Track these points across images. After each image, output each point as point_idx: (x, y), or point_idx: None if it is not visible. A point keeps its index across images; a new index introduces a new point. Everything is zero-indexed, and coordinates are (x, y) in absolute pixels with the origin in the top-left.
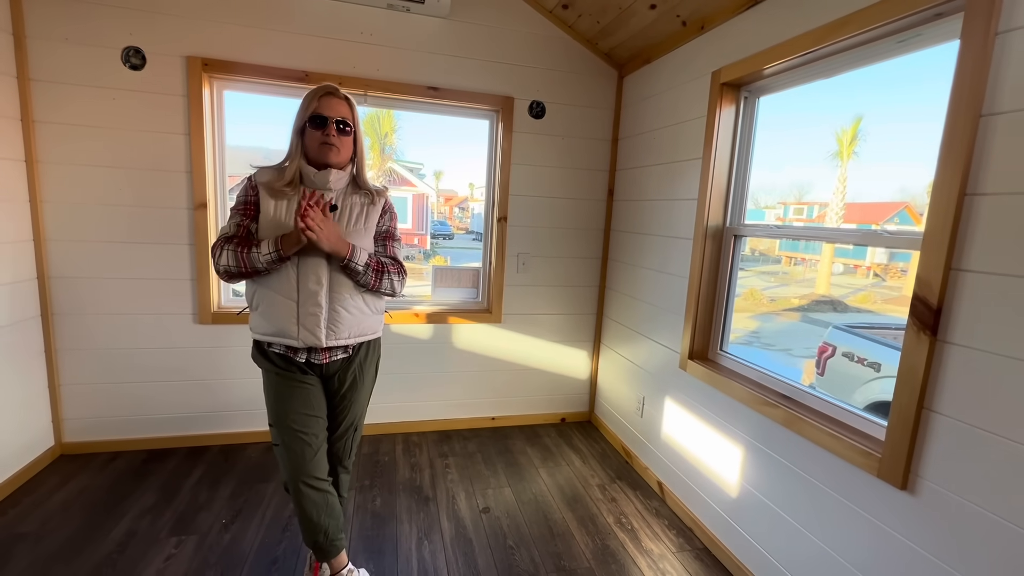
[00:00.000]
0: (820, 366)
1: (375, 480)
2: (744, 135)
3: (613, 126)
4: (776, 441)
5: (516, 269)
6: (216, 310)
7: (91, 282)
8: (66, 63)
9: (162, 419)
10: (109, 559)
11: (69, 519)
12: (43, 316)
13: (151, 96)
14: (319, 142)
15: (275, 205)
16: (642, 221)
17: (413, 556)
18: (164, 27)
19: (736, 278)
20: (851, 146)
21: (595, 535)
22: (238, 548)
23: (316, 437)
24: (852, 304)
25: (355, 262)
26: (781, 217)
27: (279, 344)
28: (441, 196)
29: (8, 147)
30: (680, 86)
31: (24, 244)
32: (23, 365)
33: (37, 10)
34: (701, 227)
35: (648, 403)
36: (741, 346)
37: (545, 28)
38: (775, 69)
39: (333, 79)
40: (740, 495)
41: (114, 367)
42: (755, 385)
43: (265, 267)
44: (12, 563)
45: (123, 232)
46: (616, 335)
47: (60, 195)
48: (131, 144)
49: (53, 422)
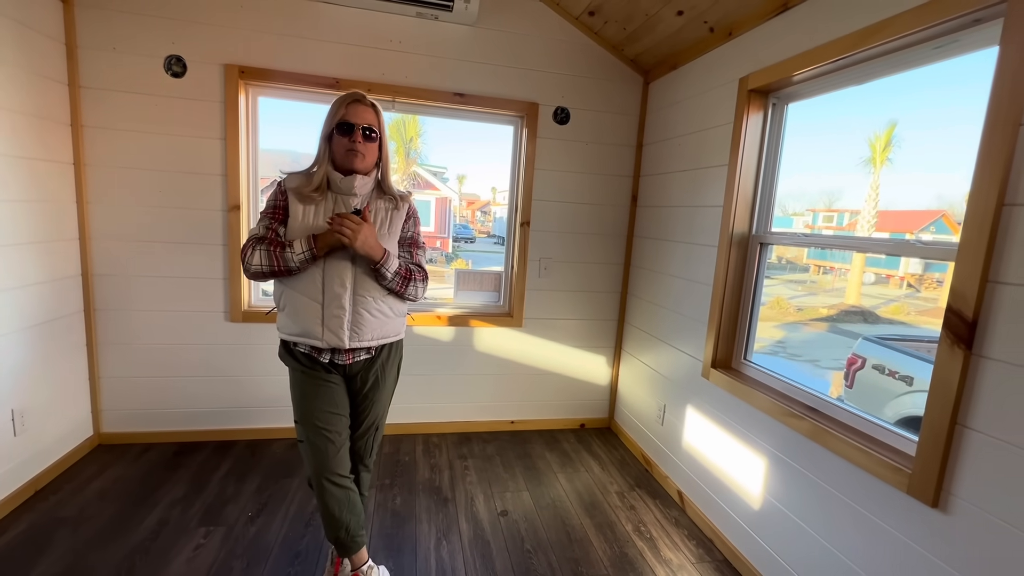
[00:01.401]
0: (849, 378)
1: (395, 479)
2: (772, 142)
3: (638, 132)
4: (801, 453)
5: (538, 274)
6: (246, 309)
7: (130, 279)
8: (113, 71)
9: (193, 413)
10: (142, 546)
11: (105, 507)
12: (86, 311)
13: (190, 102)
14: (345, 148)
15: (303, 210)
16: (666, 227)
17: (431, 556)
18: (204, 36)
19: (762, 286)
20: (884, 152)
21: (613, 543)
22: (263, 541)
23: (339, 435)
24: (884, 315)
25: (386, 267)
26: (810, 225)
27: (304, 344)
28: (463, 200)
29: (59, 151)
30: (706, 92)
31: (70, 242)
32: (67, 357)
33: (88, 21)
34: (726, 234)
35: (669, 411)
36: (766, 356)
37: (571, 35)
38: (805, 75)
39: (362, 86)
40: (763, 507)
41: (149, 361)
42: (780, 396)
43: (298, 266)
44: (53, 546)
45: (160, 232)
46: (637, 342)
47: (104, 196)
48: (170, 148)
49: (92, 413)
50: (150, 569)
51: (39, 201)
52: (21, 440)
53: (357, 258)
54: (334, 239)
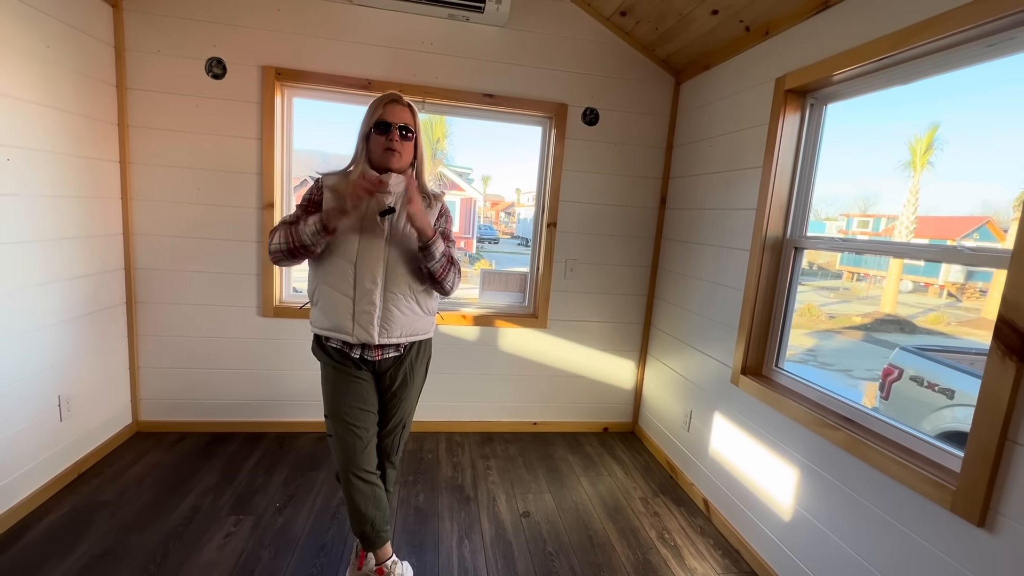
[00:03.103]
0: (884, 389)
1: (419, 477)
2: (809, 143)
3: (668, 133)
4: (835, 465)
5: (564, 275)
6: (278, 304)
7: (169, 274)
8: (158, 73)
9: (225, 404)
10: (176, 532)
11: (142, 492)
12: (128, 304)
13: (229, 103)
14: (383, 147)
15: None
16: (695, 230)
17: (454, 554)
18: (243, 39)
19: (796, 292)
20: (925, 156)
21: (636, 548)
22: (290, 531)
23: (367, 431)
24: (922, 325)
25: (435, 247)
26: (843, 230)
27: (336, 339)
28: (488, 201)
29: (107, 150)
30: (740, 93)
31: (115, 237)
32: (110, 348)
33: (135, 26)
34: (759, 238)
35: (696, 417)
36: (796, 364)
37: (601, 35)
38: (846, 75)
39: (394, 87)
40: (793, 519)
41: (185, 353)
42: (813, 405)
43: (311, 240)
44: (94, 527)
45: (198, 228)
46: (664, 346)
47: (146, 193)
48: (209, 147)
49: (132, 401)
50: (183, 554)
51: (88, 198)
52: (67, 425)
53: (391, 253)
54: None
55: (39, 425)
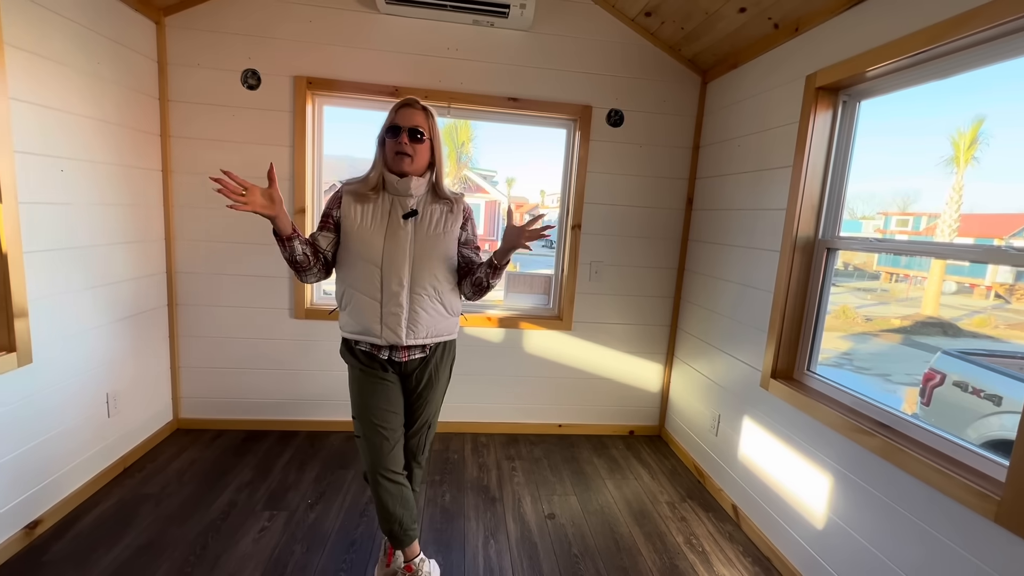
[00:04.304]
0: (925, 395)
1: (445, 476)
2: (841, 141)
3: (694, 133)
4: (871, 472)
5: (588, 277)
6: (308, 307)
7: (207, 277)
8: (197, 85)
9: (259, 403)
10: (214, 525)
11: (183, 486)
12: (169, 306)
13: (263, 112)
14: (394, 151)
15: (361, 210)
16: (723, 231)
17: (480, 554)
18: (276, 50)
19: (828, 294)
20: (969, 151)
21: (663, 553)
22: (321, 527)
23: (394, 432)
24: (967, 328)
25: (504, 269)
26: (881, 229)
27: (365, 342)
28: (512, 203)
29: (151, 159)
30: (769, 91)
31: (157, 243)
32: (153, 348)
33: (176, 41)
34: (789, 239)
35: (724, 421)
36: (830, 368)
37: (626, 36)
38: (880, 71)
39: (420, 93)
40: (827, 527)
41: (222, 354)
42: (847, 410)
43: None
44: (139, 518)
45: (234, 234)
46: (691, 348)
47: (186, 200)
48: (244, 155)
49: (173, 399)
50: (221, 547)
51: (133, 205)
52: (114, 421)
53: (416, 255)
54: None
55: (89, 421)
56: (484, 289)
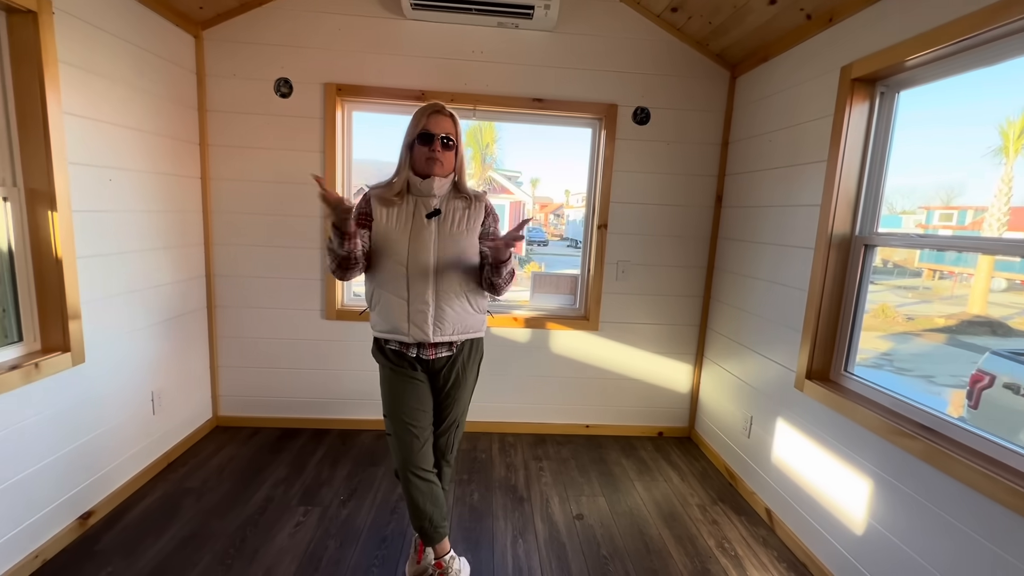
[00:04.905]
0: (973, 397)
1: (473, 475)
2: (879, 133)
3: (723, 129)
4: (913, 477)
5: (615, 277)
6: (339, 308)
7: (243, 280)
8: (233, 95)
9: (293, 402)
10: (252, 519)
11: (222, 481)
12: (208, 308)
13: (295, 119)
14: (426, 156)
15: (387, 213)
16: (754, 229)
17: (508, 553)
18: (307, 59)
19: (866, 292)
20: (1020, 140)
21: (694, 557)
22: (353, 523)
23: (424, 430)
24: (1017, 327)
25: (506, 266)
26: (923, 224)
27: (394, 341)
28: (536, 203)
29: (190, 167)
30: (802, 84)
31: (197, 247)
32: (193, 348)
33: (214, 53)
34: (824, 235)
35: (756, 423)
36: (868, 369)
37: (652, 33)
38: (921, 60)
39: (445, 96)
40: (866, 533)
41: (258, 353)
42: (888, 412)
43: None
44: (182, 512)
45: (268, 238)
46: (721, 348)
47: (223, 206)
48: (277, 161)
49: (212, 397)
50: (259, 540)
51: (175, 211)
52: (158, 418)
53: (440, 253)
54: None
55: (136, 418)
56: (494, 287)
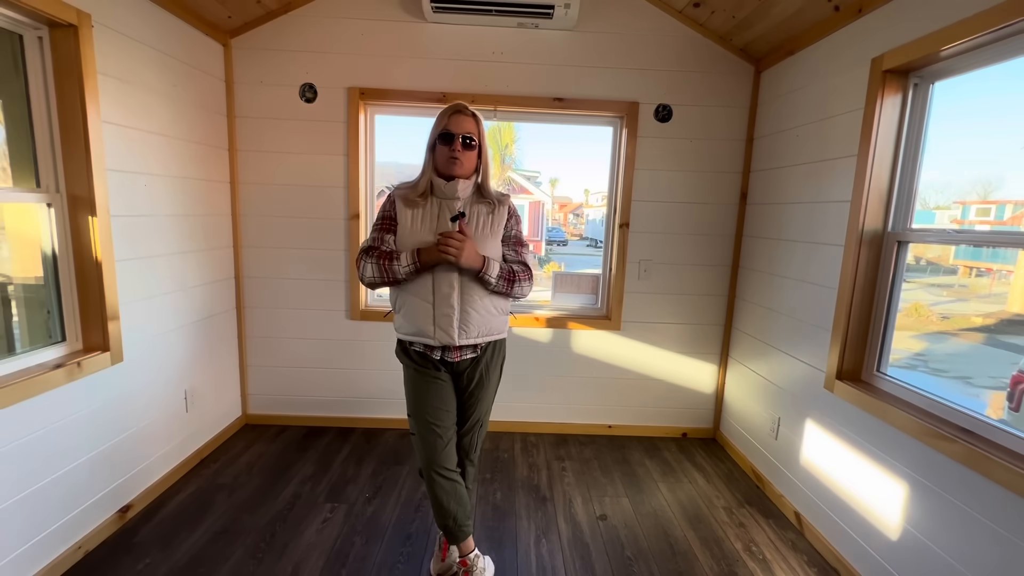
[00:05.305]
0: (1014, 399)
1: (495, 475)
2: (913, 127)
3: (748, 125)
4: (951, 481)
5: (637, 276)
6: (363, 308)
7: (271, 281)
8: (260, 101)
9: (318, 400)
10: (281, 515)
11: (252, 477)
12: (237, 309)
13: (319, 124)
14: (447, 156)
15: (411, 215)
16: (781, 226)
17: (532, 552)
18: (331, 64)
19: (899, 290)
20: None
21: (721, 560)
22: (379, 521)
23: (447, 430)
24: None
25: (488, 275)
26: (958, 219)
27: (419, 343)
28: (556, 203)
29: (220, 172)
30: (830, 77)
31: (226, 250)
32: (223, 348)
33: (241, 61)
34: (855, 232)
35: (784, 424)
36: (901, 369)
37: (674, 29)
38: (957, 49)
39: (466, 98)
40: (901, 538)
41: (285, 353)
42: (924, 414)
43: (404, 278)
44: (214, 507)
45: (294, 240)
46: (747, 348)
47: (251, 209)
48: (302, 165)
49: (241, 396)
50: (288, 535)
51: (205, 215)
52: (191, 416)
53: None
54: (438, 257)
55: (170, 415)
56: (500, 294)
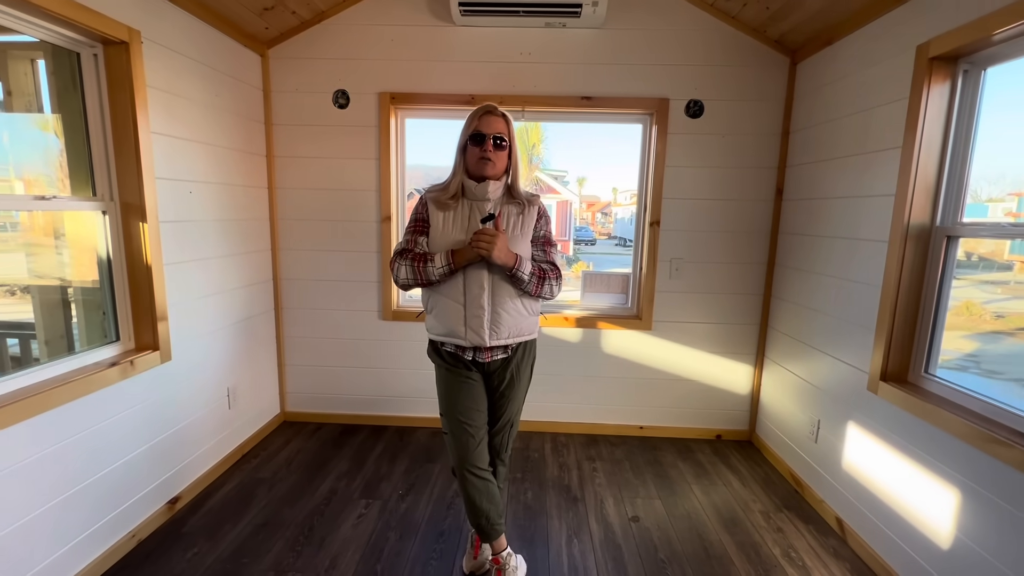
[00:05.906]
0: None
1: (526, 474)
2: (963, 116)
3: (783, 119)
4: (1008, 488)
5: (668, 275)
6: (395, 309)
7: (307, 283)
8: (295, 108)
9: (353, 399)
10: (318, 510)
11: (291, 473)
12: (276, 309)
13: (352, 128)
14: (477, 157)
15: (443, 217)
16: (819, 222)
17: (563, 552)
18: (362, 70)
19: (949, 287)
20: None
21: (757, 564)
22: (412, 517)
23: (479, 429)
24: None
25: (521, 272)
26: (1014, 212)
27: (450, 343)
28: (583, 202)
29: (259, 178)
30: (871, 67)
31: (265, 253)
32: (263, 347)
33: (278, 70)
34: (899, 227)
35: (824, 427)
36: (951, 371)
37: (705, 23)
38: (1011, 32)
39: (495, 99)
40: (953, 548)
41: (321, 352)
42: (977, 418)
43: (439, 279)
44: (256, 500)
45: (329, 242)
46: (784, 348)
47: (288, 213)
48: (336, 170)
49: (280, 394)
50: (325, 529)
51: (246, 220)
52: (233, 413)
53: (493, 264)
54: (473, 254)
55: (214, 412)
56: (530, 295)
